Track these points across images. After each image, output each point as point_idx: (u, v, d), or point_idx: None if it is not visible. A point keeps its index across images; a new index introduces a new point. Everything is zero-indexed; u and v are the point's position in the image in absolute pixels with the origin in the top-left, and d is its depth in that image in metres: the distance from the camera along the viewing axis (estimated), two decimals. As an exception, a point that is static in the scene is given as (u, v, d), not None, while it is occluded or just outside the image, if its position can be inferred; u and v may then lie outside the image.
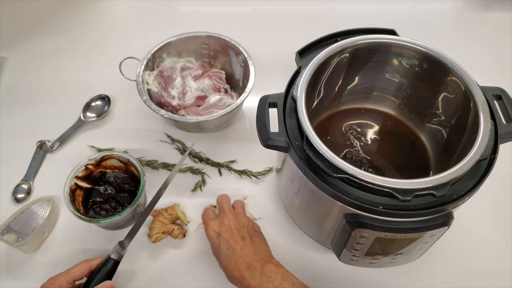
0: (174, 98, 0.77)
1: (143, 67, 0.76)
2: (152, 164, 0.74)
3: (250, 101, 0.72)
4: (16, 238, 0.63)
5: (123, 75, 0.76)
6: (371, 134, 0.68)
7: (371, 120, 0.69)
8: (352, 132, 0.68)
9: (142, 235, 0.66)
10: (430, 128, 0.64)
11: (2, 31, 0.96)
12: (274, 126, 0.52)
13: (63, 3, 1.04)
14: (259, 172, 0.73)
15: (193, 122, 0.71)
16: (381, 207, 0.45)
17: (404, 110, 0.67)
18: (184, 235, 0.66)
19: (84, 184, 0.67)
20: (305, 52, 0.60)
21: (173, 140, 0.78)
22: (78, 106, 0.82)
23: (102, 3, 1.06)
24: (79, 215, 0.61)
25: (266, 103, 0.54)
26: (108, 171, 0.69)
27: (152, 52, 0.78)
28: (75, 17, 1.02)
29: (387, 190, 0.44)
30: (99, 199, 0.68)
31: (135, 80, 0.75)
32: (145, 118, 0.80)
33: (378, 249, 0.51)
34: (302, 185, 0.53)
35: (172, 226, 0.66)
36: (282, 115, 0.53)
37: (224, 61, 0.83)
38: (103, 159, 0.67)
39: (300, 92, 0.52)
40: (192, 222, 0.68)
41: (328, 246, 0.59)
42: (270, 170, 0.73)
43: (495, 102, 0.53)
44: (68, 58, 0.93)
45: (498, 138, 0.50)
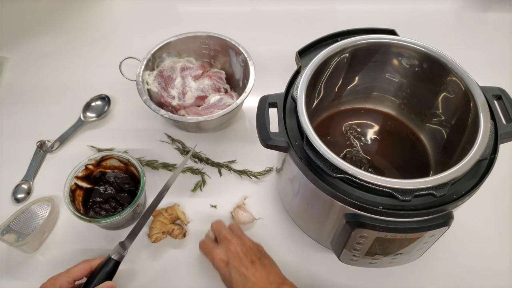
0: (174, 98, 0.77)
1: (143, 67, 0.77)
2: (152, 164, 0.74)
3: (250, 101, 0.72)
4: (16, 238, 0.63)
5: (123, 75, 0.76)
6: (371, 134, 0.68)
7: (371, 120, 0.69)
8: (352, 132, 0.68)
9: (142, 235, 0.66)
10: (430, 128, 0.64)
11: (2, 31, 0.96)
12: (274, 126, 0.52)
13: (63, 3, 1.04)
14: (259, 172, 0.73)
15: (193, 122, 0.71)
16: (381, 207, 0.45)
17: (404, 110, 0.67)
18: (184, 235, 0.66)
19: (84, 184, 0.67)
20: (305, 52, 0.60)
21: (173, 140, 0.78)
22: (78, 106, 0.82)
23: (102, 3, 1.06)
24: (79, 215, 0.61)
25: (266, 103, 0.54)
26: (108, 171, 0.69)
27: (152, 52, 0.78)
28: (75, 17, 1.02)
29: (387, 190, 0.44)
30: (99, 199, 0.68)
31: (135, 80, 0.75)
32: (145, 118, 0.80)
33: (378, 249, 0.51)
34: (302, 185, 0.53)
35: (172, 226, 0.66)
36: (282, 115, 0.53)
37: (224, 61, 0.83)
38: (103, 159, 0.67)
39: (300, 92, 0.52)
40: (192, 222, 0.68)
41: (328, 246, 0.59)
42: (270, 170, 0.73)
43: (495, 102, 0.53)
44: (68, 58, 0.93)
45: (498, 138, 0.50)
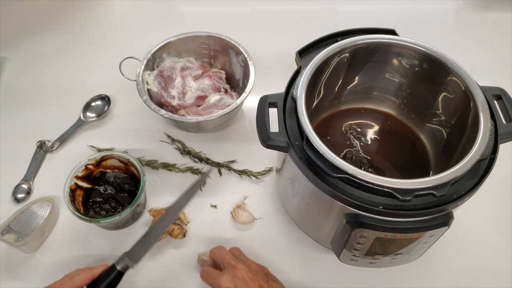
0: (174, 98, 0.77)
1: (143, 67, 0.76)
2: (152, 164, 0.74)
3: (250, 101, 0.72)
4: (16, 238, 0.63)
5: (123, 75, 0.76)
6: (371, 134, 0.68)
7: (371, 120, 0.69)
8: (352, 132, 0.68)
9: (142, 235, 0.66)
10: (430, 128, 0.64)
11: (2, 31, 0.96)
12: (274, 126, 0.52)
13: (63, 3, 1.04)
14: (259, 172, 0.73)
15: (193, 122, 0.71)
16: (381, 207, 0.45)
17: (404, 110, 0.67)
18: (184, 235, 0.66)
19: (84, 184, 0.67)
20: (305, 52, 0.60)
21: (173, 140, 0.78)
22: (78, 106, 0.82)
23: (102, 3, 1.06)
24: (79, 215, 0.61)
25: (266, 103, 0.54)
26: (108, 171, 0.69)
27: (152, 52, 0.78)
28: (75, 17, 1.02)
29: (387, 190, 0.44)
30: (99, 199, 0.68)
31: (135, 80, 0.75)
32: (145, 118, 0.80)
33: (378, 249, 0.51)
34: (302, 185, 0.53)
35: (172, 226, 0.66)
36: (282, 115, 0.53)
37: (224, 61, 0.83)
38: (103, 159, 0.67)
39: (300, 92, 0.52)
40: (192, 222, 0.68)
41: (328, 246, 0.59)
42: (270, 170, 0.73)
43: (495, 102, 0.53)
44: (68, 58, 0.93)
45: (498, 138, 0.50)
